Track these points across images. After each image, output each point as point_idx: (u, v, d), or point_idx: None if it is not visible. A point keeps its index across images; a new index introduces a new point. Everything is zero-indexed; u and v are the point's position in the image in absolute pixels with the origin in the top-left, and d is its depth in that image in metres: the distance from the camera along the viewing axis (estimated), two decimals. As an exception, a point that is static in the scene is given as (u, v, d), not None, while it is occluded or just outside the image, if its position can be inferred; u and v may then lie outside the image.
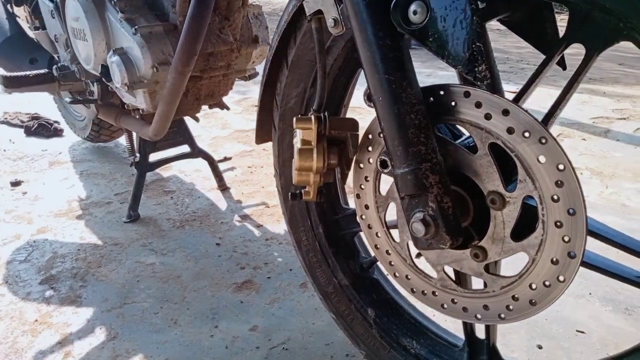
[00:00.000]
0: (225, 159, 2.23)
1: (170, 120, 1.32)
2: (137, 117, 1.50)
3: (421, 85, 0.71)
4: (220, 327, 1.24)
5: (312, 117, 0.80)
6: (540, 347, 1.17)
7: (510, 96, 0.71)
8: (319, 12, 0.75)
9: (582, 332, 1.22)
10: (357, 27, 0.68)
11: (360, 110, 2.62)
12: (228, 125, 2.74)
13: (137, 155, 1.73)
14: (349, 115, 0.90)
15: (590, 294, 1.36)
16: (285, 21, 0.89)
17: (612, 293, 1.35)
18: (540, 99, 0.68)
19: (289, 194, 0.88)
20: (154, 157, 1.82)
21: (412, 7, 0.63)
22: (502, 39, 5.51)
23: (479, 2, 0.73)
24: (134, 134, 1.73)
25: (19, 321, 1.26)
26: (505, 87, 0.78)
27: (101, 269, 1.48)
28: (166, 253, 1.56)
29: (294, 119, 0.81)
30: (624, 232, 0.72)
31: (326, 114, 0.81)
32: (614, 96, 3.48)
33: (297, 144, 0.82)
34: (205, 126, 2.67)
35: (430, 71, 4.09)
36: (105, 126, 2.15)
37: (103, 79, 1.34)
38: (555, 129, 2.69)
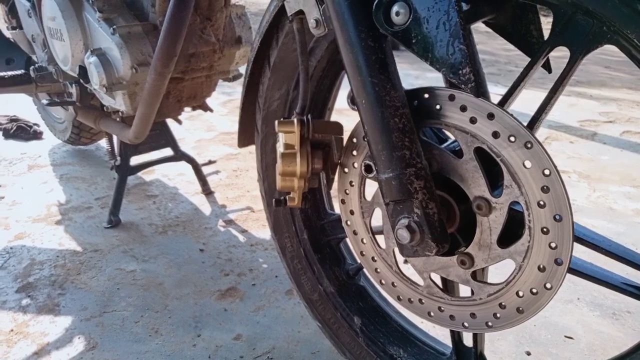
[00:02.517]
0: (210, 162, 2.20)
1: (150, 123, 1.28)
2: (117, 119, 1.46)
3: (407, 88, 0.69)
4: (203, 336, 1.21)
5: (295, 120, 0.77)
6: (528, 354, 1.16)
7: (496, 99, 0.70)
8: (301, 12, 0.73)
9: (571, 337, 1.21)
10: (339, 28, 0.66)
11: (348, 113, 2.60)
12: (213, 127, 2.70)
13: (118, 158, 1.69)
14: (335, 118, 0.88)
15: (578, 299, 1.35)
16: (267, 21, 0.86)
17: (600, 298, 1.35)
18: (531, 102, 0.66)
19: (273, 200, 0.85)
20: (135, 160, 1.78)
21: (395, 8, 0.61)
22: (490, 41, 5.53)
23: (462, 4, 0.71)
24: (115, 137, 1.69)
25: (-7, 332, 1.22)
26: (493, 89, 0.77)
27: (80, 276, 1.44)
28: (148, 260, 1.52)
29: (276, 122, 0.78)
30: (612, 235, 0.71)
31: (309, 116, 0.79)
32: (601, 99, 3.51)
33: (279, 148, 0.80)
34: (189, 129, 2.63)
35: (418, 73, 4.09)
36: (85, 128, 2.10)
37: (81, 80, 1.30)
38: (543, 132, 2.70)
